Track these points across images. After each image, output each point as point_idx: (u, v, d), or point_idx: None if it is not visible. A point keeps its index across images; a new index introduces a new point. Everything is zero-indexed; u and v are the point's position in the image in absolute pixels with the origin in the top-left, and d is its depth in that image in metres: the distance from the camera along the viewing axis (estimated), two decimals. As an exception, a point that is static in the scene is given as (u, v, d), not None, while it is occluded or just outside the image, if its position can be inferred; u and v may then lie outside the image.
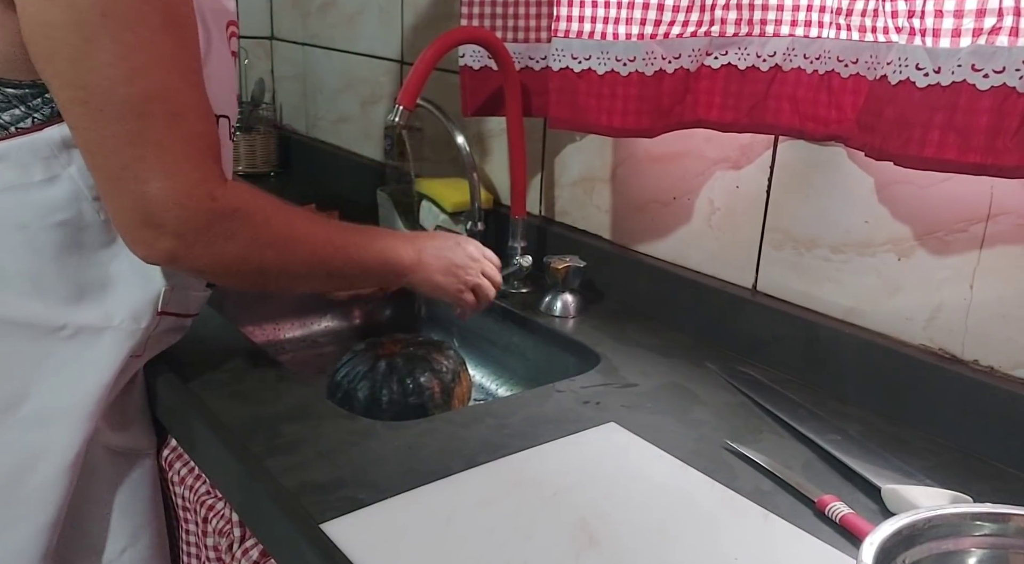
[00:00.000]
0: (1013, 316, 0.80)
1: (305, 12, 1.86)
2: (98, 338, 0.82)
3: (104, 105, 0.70)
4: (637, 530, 0.67)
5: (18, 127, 0.76)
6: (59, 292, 0.80)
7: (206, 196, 0.74)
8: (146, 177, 0.72)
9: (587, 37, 0.94)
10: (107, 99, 0.70)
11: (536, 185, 1.30)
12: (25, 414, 0.80)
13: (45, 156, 0.77)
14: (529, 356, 1.15)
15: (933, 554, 0.57)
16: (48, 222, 0.78)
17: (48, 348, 0.80)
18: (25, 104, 0.75)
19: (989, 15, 0.67)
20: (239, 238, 0.77)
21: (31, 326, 0.79)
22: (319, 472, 0.73)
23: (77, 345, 0.81)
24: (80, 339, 0.81)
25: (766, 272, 1.01)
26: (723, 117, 0.96)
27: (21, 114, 0.75)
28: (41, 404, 0.80)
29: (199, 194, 0.73)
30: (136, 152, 0.71)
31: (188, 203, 0.73)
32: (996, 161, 0.69)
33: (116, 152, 0.72)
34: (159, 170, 0.72)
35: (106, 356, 0.82)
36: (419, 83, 1.06)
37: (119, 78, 0.70)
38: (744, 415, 0.88)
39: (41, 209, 0.77)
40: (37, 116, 0.76)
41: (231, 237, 0.76)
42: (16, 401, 0.80)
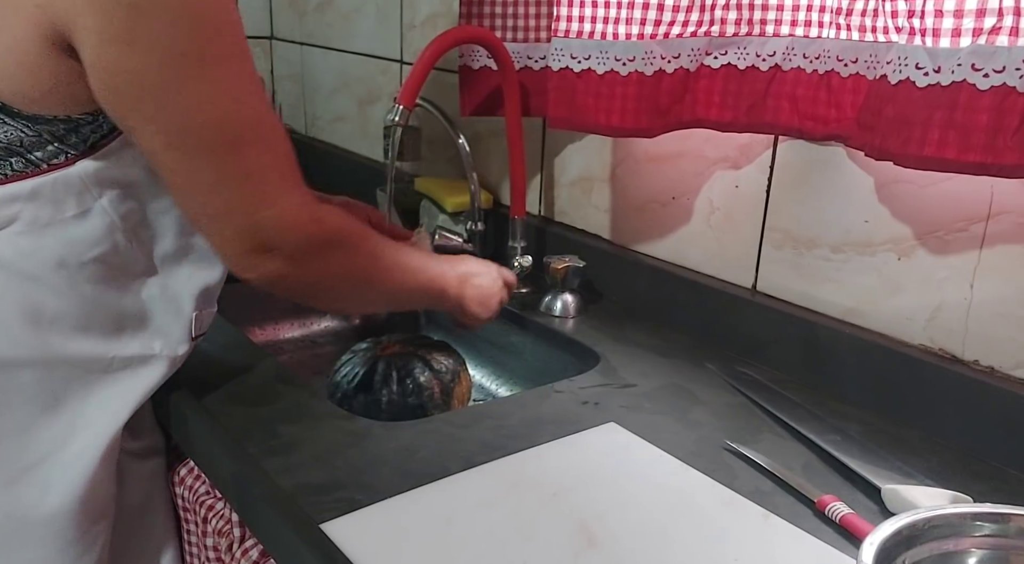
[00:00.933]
0: (1014, 316, 0.80)
1: (302, 11, 1.86)
2: (143, 368, 0.82)
3: (200, 144, 0.70)
4: (637, 531, 0.67)
5: (50, 164, 0.74)
6: (103, 327, 0.79)
7: (311, 219, 0.75)
8: (253, 209, 0.72)
9: (587, 37, 0.94)
10: (206, 134, 0.69)
11: (535, 185, 1.30)
12: (80, 447, 0.79)
13: (78, 190, 0.75)
14: (528, 356, 1.15)
15: (933, 554, 0.57)
16: (85, 257, 0.77)
17: (96, 382, 0.80)
18: (58, 140, 0.74)
19: (989, 15, 0.67)
20: (338, 259, 0.79)
21: (80, 364, 0.79)
22: (317, 473, 0.73)
23: (124, 377, 0.81)
24: (127, 371, 0.81)
25: (766, 272, 1.01)
26: (722, 117, 0.96)
27: (54, 151, 0.74)
28: (90, 438, 0.80)
29: (305, 217, 0.75)
30: (239, 186, 0.72)
31: (297, 226, 0.74)
32: (996, 160, 0.69)
33: (217, 189, 0.71)
34: (265, 200, 0.72)
35: (147, 384, 0.83)
36: (418, 83, 1.06)
37: (217, 112, 0.69)
38: (744, 415, 0.88)
39: (77, 245, 0.76)
40: (70, 152, 0.74)
41: (333, 258, 0.78)
42: (67, 438, 0.79)
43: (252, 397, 0.87)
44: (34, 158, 0.74)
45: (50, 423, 0.78)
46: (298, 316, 1.35)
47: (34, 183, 0.74)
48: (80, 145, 0.74)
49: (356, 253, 0.81)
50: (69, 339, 0.77)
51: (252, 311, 1.30)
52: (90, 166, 0.75)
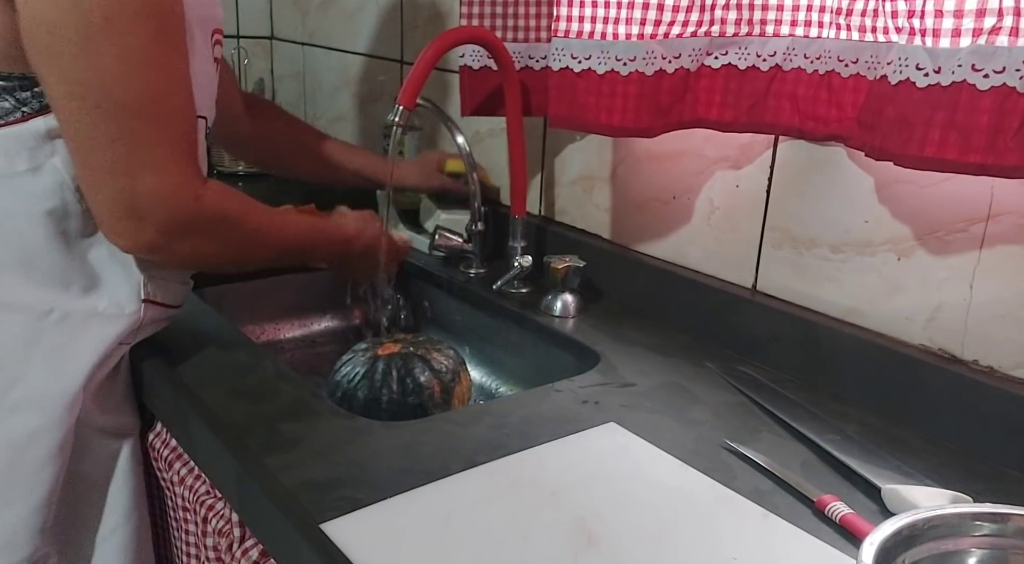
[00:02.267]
0: (1013, 316, 0.80)
1: (304, 11, 1.86)
2: (85, 323, 0.85)
3: (100, 102, 0.74)
4: (636, 530, 0.67)
5: (5, 119, 0.79)
6: (47, 278, 0.83)
7: (191, 196, 0.80)
8: (135, 173, 0.77)
9: (587, 37, 0.94)
10: (103, 97, 0.74)
11: (536, 185, 1.30)
12: (16, 399, 0.82)
13: (30, 146, 0.80)
14: (528, 356, 1.15)
15: (933, 554, 0.57)
16: (34, 211, 0.81)
17: (38, 333, 0.83)
18: (13, 96, 0.78)
19: (989, 15, 0.67)
20: (216, 237, 0.85)
21: (21, 310, 0.82)
22: (317, 471, 0.73)
23: (65, 330, 0.84)
24: (68, 324, 0.84)
25: (766, 272, 1.01)
26: (723, 116, 0.96)
27: (10, 107, 0.78)
28: (31, 389, 0.83)
29: (185, 193, 0.80)
30: (127, 149, 0.76)
31: (174, 201, 0.79)
32: (996, 161, 0.69)
33: (106, 147, 0.76)
34: (148, 167, 0.77)
35: (93, 341, 0.85)
36: (419, 83, 1.06)
37: (117, 78, 0.74)
38: (743, 415, 0.88)
39: (27, 198, 0.81)
40: (26, 109, 0.79)
41: (209, 235, 0.84)
42: (7, 386, 0.82)
43: (252, 397, 0.87)
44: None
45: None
46: (298, 316, 1.35)
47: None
48: (35, 104, 0.79)
49: (236, 229, 0.87)
50: (11, 285, 0.82)
51: (252, 311, 1.30)
52: (43, 124, 0.79)
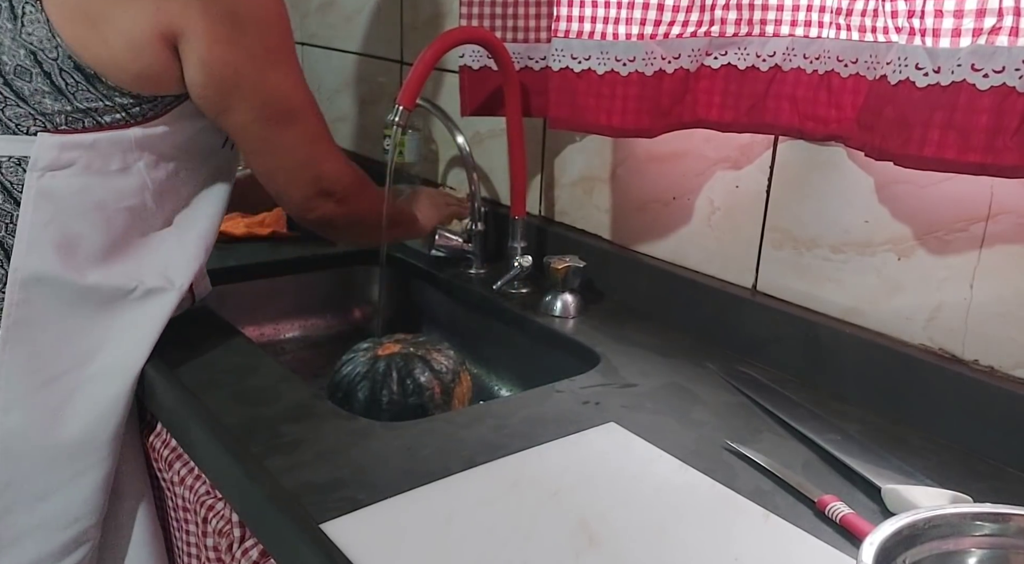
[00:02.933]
0: (1013, 316, 0.80)
1: (304, 12, 1.86)
2: (161, 297, 0.94)
3: (282, 116, 0.94)
4: (637, 530, 0.67)
5: (110, 125, 0.90)
6: (126, 262, 0.93)
7: (351, 170, 1.03)
8: (319, 160, 0.99)
9: (587, 37, 0.94)
10: (284, 111, 0.94)
11: (536, 185, 1.30)
12: (98, 367, 0.91)
13: (123, 149, 0.91)
14: (528, 356, 1.15)
15: (933, 554, 0.57)
16: (120, 205, 0.92)
17: (121, 308, 0.92)
18: (125, 110, 0.90)
19: (989, 15, 0.67)
20: (366, 198, 1.06)
21: (107, 289, 0.91)
22: (318, 472, 0.73)
23: (144, 305, 0.93)
24: (148, 300, 0.94)
25: (766, 272, 1.01)
26: (723, 117, 0.96)
27: (120, 119, 0.90)
28: (111, 358, 0.91)
29: (348, 168, 1.03)
30: (311, 146, 0.98)
31: (346, 174, 1.02)
32: (996, 161, 0.69)
33: (295, 148, 0.97)
34: (324, 155, 0.99)
35: (163, 314, 0.95)
36: (419, 83, 1.06)
37: (290, 94, 0.95)
38: (744, 415, 0.88)
39: (115, 193, 0.91)
40: (129, 120, 0.91)
41: (363, 197, 1.05)
42: (89, 357, 0.90)
43: (253, 397, 0.87)
44: (102, 120, 0.90)
45: (77, 342, 0.90)
46: (298, 316, 1.35)
47: (94, 137, 0.89)
48: (139, 116, 0.91)
49: (372, 194, 1.07)
50: (98, 267, 0.91)
51: (252, 312, 1.30)
52: (139, 132, 0.91)
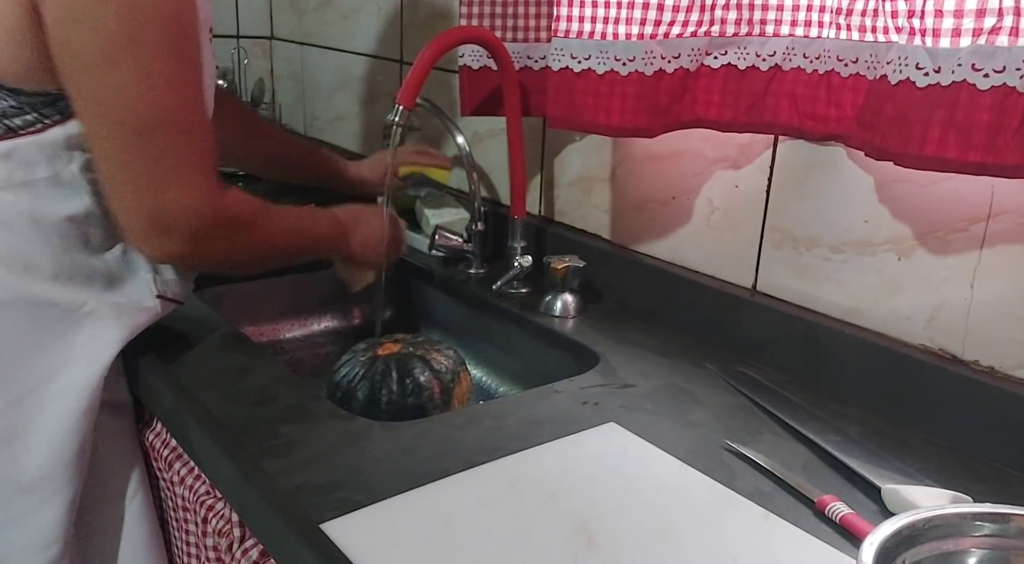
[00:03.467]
0: (1014, 316, 0.80)
1: (302, 11, 1.86)
2: (111, 316, 0.89)
3: (124, 120, 0.78)
4: (636, 531, 0.67)
5: (27, 130, 0.83)
6: (74, 277, 0.88)
7: (213, 206, 0.84)
8: (160, 188, 0.80)
9: (587, 37, 0.94)
10: (127, 115, 0.78)
11: (535, 185, 1.30)
12: (62, 385, 0.87)
13: (49, 155, 0.84)
14: (528, 356, 1.15)
15: (933, 554, 0.57)
16: (56, 216, 0.85)
17: (75, 324, 0.87)
18: (37, 111, 0.82)
19: (989, 15, 0.67)
20: (234, 241, 0.88)
21: (58, 305, 0.86)
22: (316, 473, 0.73)
23: (97, 321, 0.89)
24: (99, 316, 0.89)
25: (765, 272, 1.01)
26: (722, 116, 0.96)
27: (32, 120, 0.83)
28: (73, 374, 0.87)
29: (209, 204, 0.83)
30: (151, 165, 0.80)
31: (200, 212, 0.83)
32: (997, 160, 0.69)
33: (131, 164, 0.80)
34: (173, 182, 0.81)
35: (119, 331, 0.90)
36: (418, 83, 1.06)
37: (139, 96, 0.78)
38: (743, 415, 0.88)
39: (48, 204, 0.85)
40: (45, 121, 0.83)
41: (228, 240, 0.88)
42: (47, 378, 0.86)
43: (252, 397, 0.87)
44: (12, 124, 0.82)
45: (36, 361, 0.86)
46: (298, 316, 1.35)
47: (8, 145, 0.82)
48: (56, 115, 0.83)
49: (252, 233, 0.91)
50: (46, 285, 0.86)
51: (252, 312, 1.30)
52: (61, 133, 0.83)
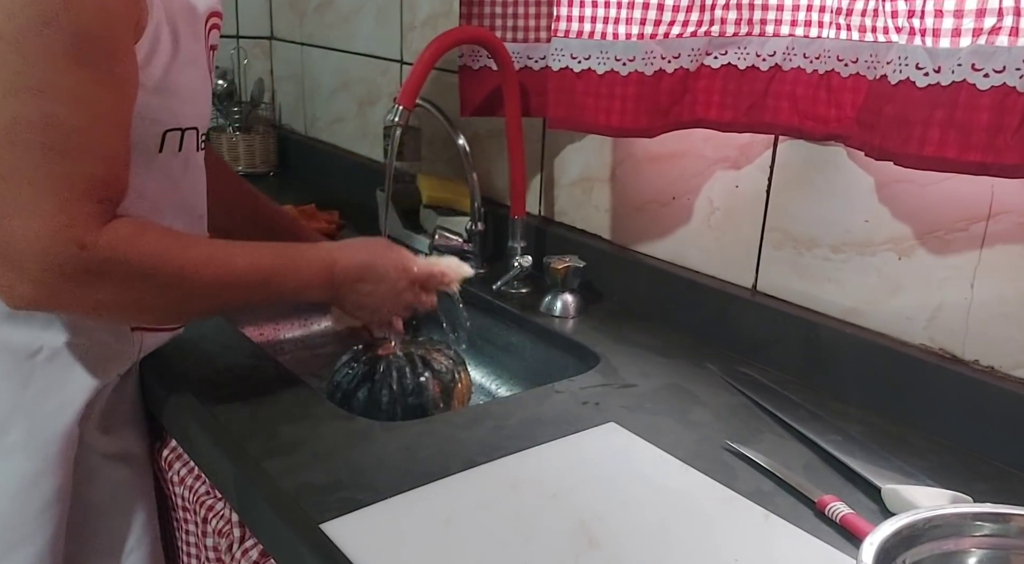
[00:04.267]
0: (1014, 316, 0.80)
1: (302, 12, 1.86)
2: (76, 359, 0.81)
3: None
4: (637, 531, 0.67)
5: None
6: (29, 317, 0.78)
7: (72, 242, 0.67)
8: (5, 211, 0.65)
9: (587, 37, 0.94)
10: None
11: (535, 185, 1.30)
12: (10, 443, 0.80)
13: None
14: (528, 356, 1.15)
15: (933, 554, 0.57)
16: None
17: (28, 374, 0.80)
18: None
19: (989, 15, 0.67)
20: (109, 288, 0.70)
21: (9, 352, 0.79)
22: (317, 473, 0.73)
23: (55, 369, 0.81)
24: (58, 362, 0.81)
25: (766, 272, 1.01)
26: (722, 116, 0.96)
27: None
28: (25, 432, 0.80)
29: (64, 239, 0.66)
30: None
31: (51, 248, 0.66)
32: (996, 160, 0.69)
33: None
34: (20, 206, 0.65)
35: (86, 378, 0.82)
36: (418, 83, 1.06)
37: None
38: (744, 415, 0.88)
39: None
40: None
41: (115, 284, 0.70)
42: (2, 430, 0.80)
43: (252, 397, 0.87)
44: None
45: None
46: (298, 316, 1.35)
47: None
48: None
49: (149, 274, 0.71)
50: (2, 324, 0.78)
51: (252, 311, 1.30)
52: None
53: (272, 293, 0.82)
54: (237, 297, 0.79)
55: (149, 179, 0.79)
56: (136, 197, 0.76)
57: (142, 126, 0.75)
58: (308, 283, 0.83)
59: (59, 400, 0.81)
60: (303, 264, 0.83)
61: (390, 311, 0.91)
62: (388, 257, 0.88)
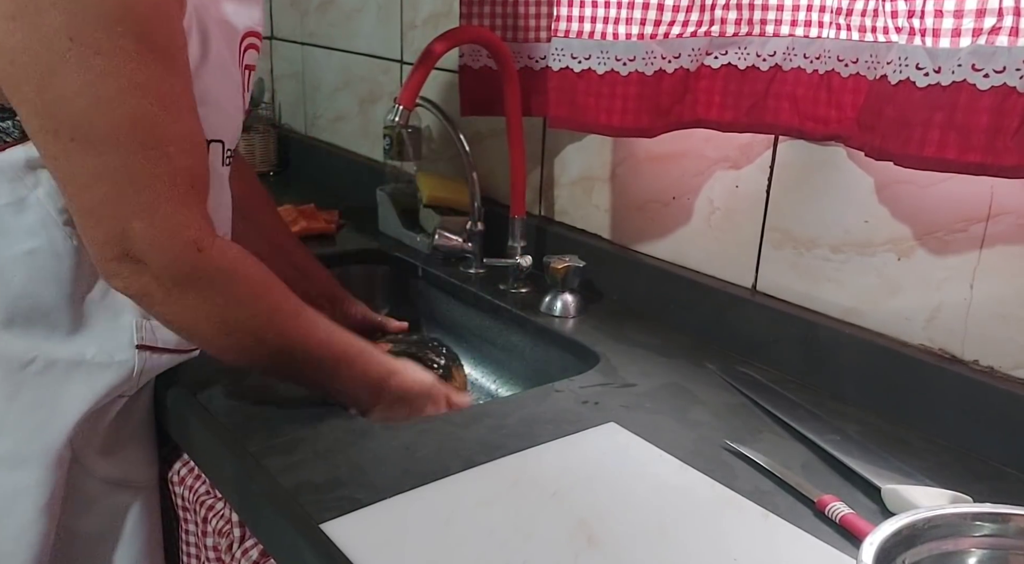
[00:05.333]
0: (1013, 316, 0.80)
1: (303, 11, 1.86)
2: (70, 374, 0.78)
3: (75, 135, 0.66)
4: (636, 530, 0.67)
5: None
6: (28, 324, 0.76)
7: (191, 244, 0.70)
8: (124, 215, 0.68)
9: (587, 37, 0.94)
10: (77, 129, 0.66)
11: (535, 185, 1.30)
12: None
13: (10, 178, 0.72)
14: (528, 356, 1.15)
15: (933, 554, 0.57)
16: (17, 250, 0.74)
17: (18, 385, 0.76)
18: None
19: (989, 15, 0.67)
20: (219, 299, 0.72)
21: (1, 360, 0.76)
22: (317, 472, 0.73)
23: (48, 382, 0.77)
24: (52, 375, 0.77)
25: (766, 272, 1.01)
26: (722, 116, 0.96)
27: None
28: (12, 444, 0.77)
29: (184, 239, 0.70)
30: (112, 188, 0.67)
31: (172, 246, 0.69)
32: (996, 161, 0.69)
33: (91, 186, 0.67)
34: (139, 208, 0.68)
35: (80, 393, 0.79)
36: (419, 83, 1.06)
37: (89, 107, 0.65)
38: (744, 415, 0.88)
39: (9, 235, 0.73)
40: (7, 139, 0.71)
41: (211, 296, 0.72)
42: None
43: (252, 397, 0.87)
44: None
45: None
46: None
47: None
48: (15, 132, 0.71)
49: (242, 299, 0.74)
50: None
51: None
52: (23, 153, 0.71)
53: (326, 376, 0.82)
54: (294, 367, 0.80)
55: None
56: None
57: None
58: (361, 379, 0.84)
59: (48, 414, 0.78)
60: (364, 363, 0.83)
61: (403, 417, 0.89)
62: (433, 387, 0.89)
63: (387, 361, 0.86)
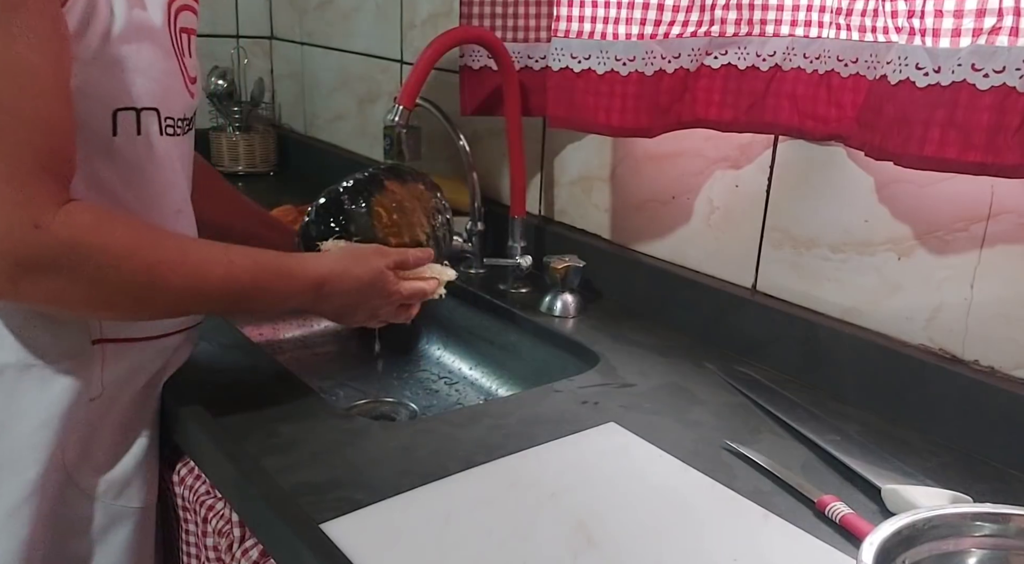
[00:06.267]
0: (1014, 316, 0.80)
1: (302, 11, 1.86)
2: (21, 378, 0.74)
3: None
4: (636, 531, 0.67)
5: None
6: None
7: (27, 223, 0.62)
8: None
9: (587, 37, 0.94)
10: None
11: (535, 184, 1.30)
12: None
13: None
14: (527, 356, 1.15)
15: (933, 554, 0.57)
16: None
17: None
18: None
19: (989, 15, 0.67)
20: (79, 274, 0.65)
21: None
22: (316, 472, 0.73)
23: (19, 384, 0.74)
24: (3, 381, 0.74)
25: (765, 272, 1.01)
26: (722, 116, 0.96)
27: None
28: None
29: (18, 220, 0.62)
30: None
31: (5, 229, 0.61)
32: (996, 160, 0.69)
33: None
34: None
35: (37, 397, 0.74)
36: (418, 83, 1.06)
37: None
38: (743, 415, 0.88)
39: None
40: None
41: (67, 273, 0.64)
42: None
43: (251, 397, 0.87)
44: None
45: None
46: (297, 316, 1.35)
47: None
48: None
49: (109, 265, 0.66)
50: None
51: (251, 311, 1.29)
52: None
53: (249, 308, 0.78)
54: (210, 308, 0.77)
55: (106, 166, 0.74)
56: (94, 186, 0.72)
57: (86, 103, 0.70)
58: (289, 298, 0.80)
59: (5, 419, 0.74)
60: (287, 281, 0.79)
61: (367, 321, 0.88)
62: (376, 279, 0.85)
63: (312, 269, 0.81)
